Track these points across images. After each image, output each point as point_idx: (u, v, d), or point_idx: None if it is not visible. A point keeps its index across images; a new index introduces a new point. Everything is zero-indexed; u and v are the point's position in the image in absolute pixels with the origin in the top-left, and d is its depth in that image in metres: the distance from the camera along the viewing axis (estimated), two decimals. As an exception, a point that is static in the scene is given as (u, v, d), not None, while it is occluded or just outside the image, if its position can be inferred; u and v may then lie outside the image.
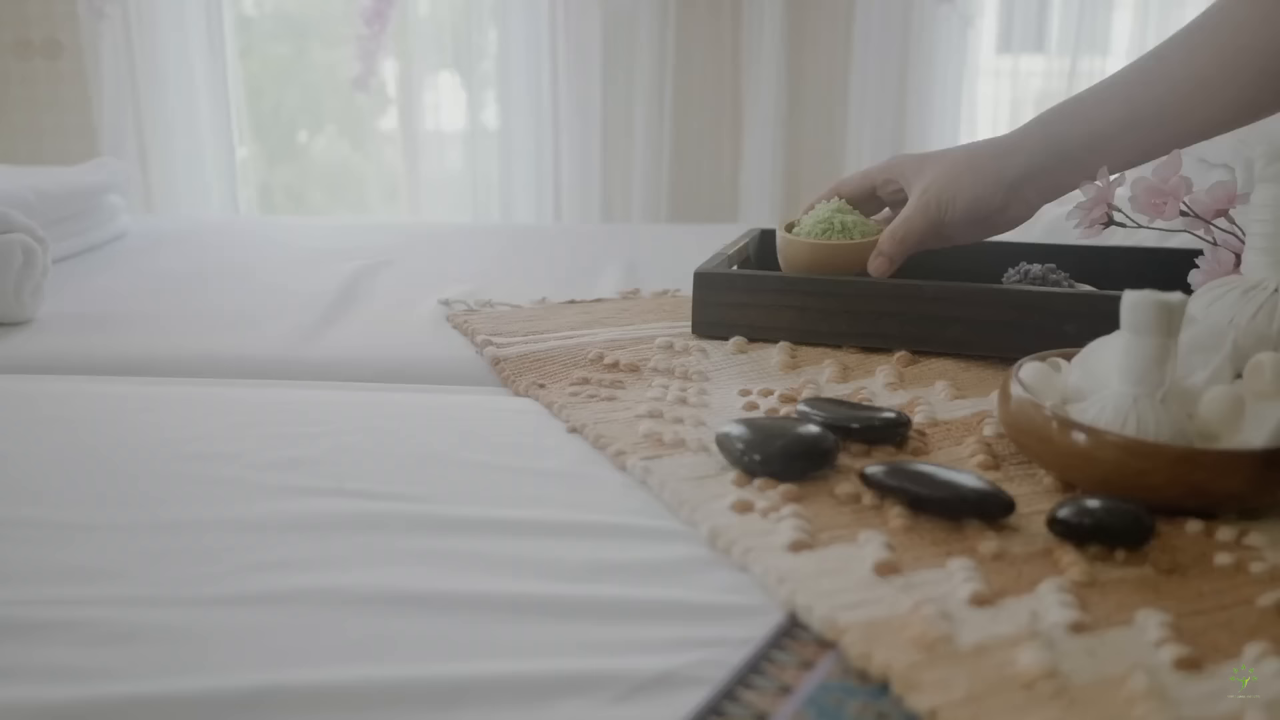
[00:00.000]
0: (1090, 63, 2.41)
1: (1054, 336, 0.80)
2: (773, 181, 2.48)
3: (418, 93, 2.49)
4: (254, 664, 0.44)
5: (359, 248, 1.34)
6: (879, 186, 0.93)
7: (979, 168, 0.86)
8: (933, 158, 0.90)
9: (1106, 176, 0.86)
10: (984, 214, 0.87)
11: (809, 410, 0.68)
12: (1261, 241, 0.70)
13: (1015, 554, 0.54)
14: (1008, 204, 0.87)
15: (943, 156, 0.89)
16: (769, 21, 2.41)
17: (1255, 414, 0.59)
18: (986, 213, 0.87)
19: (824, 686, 0.43)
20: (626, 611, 0.48)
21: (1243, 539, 0.56)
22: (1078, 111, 0.86)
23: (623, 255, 1.31)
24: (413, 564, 0.52)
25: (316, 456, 0.65)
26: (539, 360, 0.84)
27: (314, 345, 0.92)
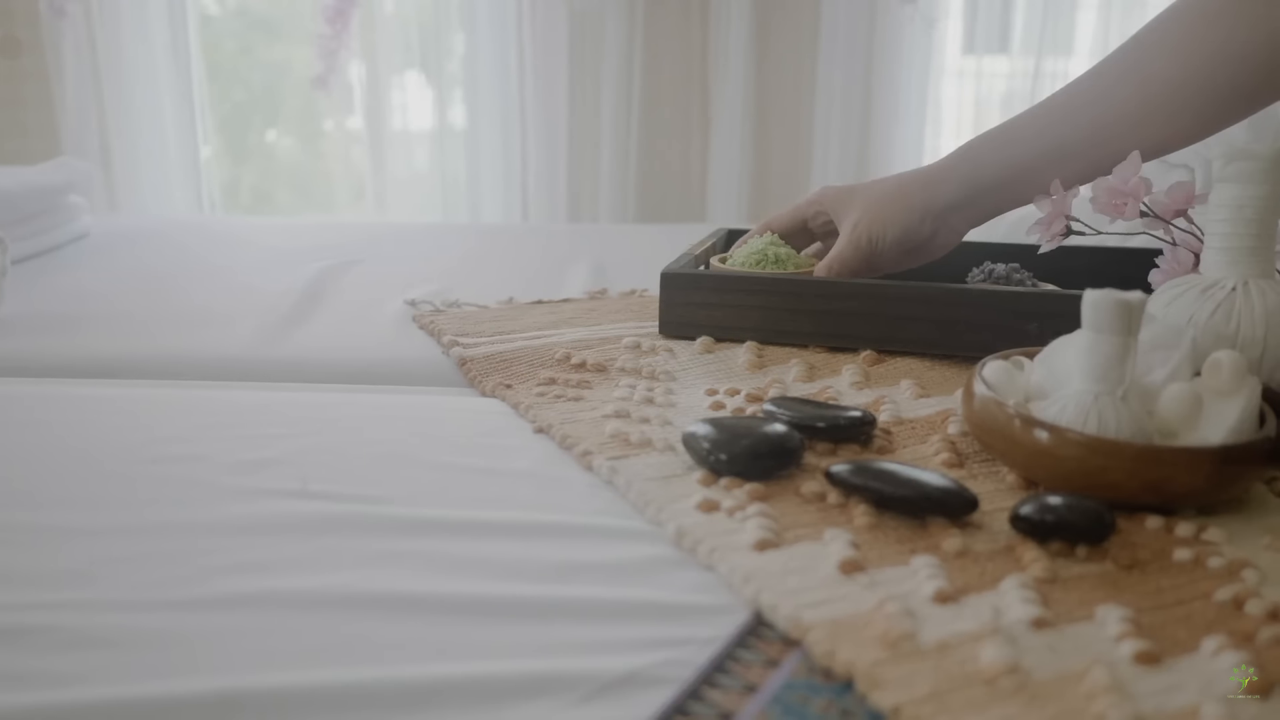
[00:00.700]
0: (1054, 63, 2.43)
1: (1017, 335, 0.81)
2: (740, 181, 2.49)
3: (384, 92, 2.48)
4: (220, 668, 0.44)
5: (324, 247, 1.33)
6: (809, 219, 0.95)
7: (907, 199, 0.88)
8: (861, 191, 0.91)
9: (1060, 189, 0.87)
10: (914, 244, 0.89)
11: (775, 409, 0.69)
12: (1219, 241, 0.71)
13: (978, 551, 0.54)
14: (936, 232, 0.89)
15: (871, 189, 0.91)
16: (736, 21, 2.42)
17: (1213, 411, 0.60)
18: (916, 242, 0.89)
19: (789, 685, 0.43)
20: (592, 612, 0.48)
21: (1201, 534, 0.56)
22: (1001, 141, 0.87)
23: (590, 255, 1.31)
24: (378, 566, 0.52)
25: (281, 458, 0.64)
26: (506, 360, 0.84)
27: (279, 346, 0.91)
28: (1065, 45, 2.46)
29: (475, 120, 2.47)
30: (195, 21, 2.46)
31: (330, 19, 2.39)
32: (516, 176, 2.48)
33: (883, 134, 2.48)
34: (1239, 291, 0.69)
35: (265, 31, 2.82)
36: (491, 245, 1.43)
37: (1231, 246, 0.70)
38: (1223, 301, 0.69)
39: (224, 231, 1.54)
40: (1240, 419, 0.59)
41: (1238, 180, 0.69)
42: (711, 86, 2.49)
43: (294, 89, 2.77)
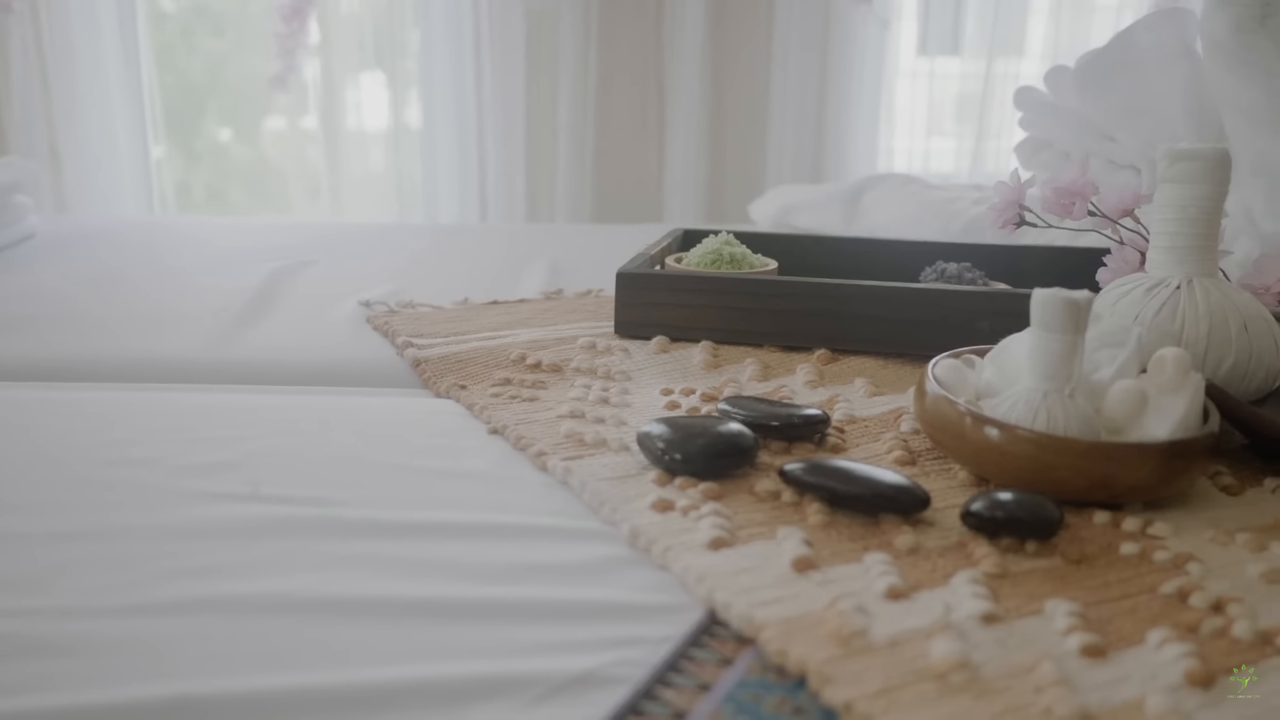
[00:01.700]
0: (1005, 65, 2.46)
1: (969, 334, 0.82)
2: (696, 181, 2.49)
3: (339, 91, 2.46)
4: (170, 674, 0.43)
5: (278, 248, 1.32)
6: None
7: None
8: None
9: (1017, 177, 0.88)
10: None
11: (729, 409, 0.69)
12: (1164, 240, 0.72)
13: (930, 548, 0.55)
14: None
15: None
16: (691, 22, 2.42)
17: (1158, 407, 0.61)
18: None
19: (742, 683, 0.44)
20: (546, 613, 0.48)
21: (1147, 529, 0.57)
22: None
23: (546, 255, 1.31)
24: (331, 569, 0.52)
25: (232, 461, 0.64)
26: (461, 361, 0.84)
27: (230, 347, 0.90)
28: (1016, 47, 2.49)
29: (431, 120, 2.45)
30: (146, 19, 2.42)
31: (287, 17, 2.37)
32: (473, 176, 2.46)
33: (837, 134, 2.49)
34: (1183, 290, 0.70)
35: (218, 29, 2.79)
36: (447, 245, 1.42)
37: (1176, 245, 0.71)
38: (1168, 300, 0.70)
39: (176, 231, 1.52)
40: (1184, 415, 0.60)
41: (1181, 180, 0.70)
42: (667, 87, 2.49)
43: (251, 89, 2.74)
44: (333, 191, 2.52)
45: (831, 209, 1.47)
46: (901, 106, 2.57)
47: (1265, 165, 1.03)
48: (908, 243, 1.07)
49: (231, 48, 2.80)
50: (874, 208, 1.44)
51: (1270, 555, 0.55)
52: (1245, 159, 1.05)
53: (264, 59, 2.45)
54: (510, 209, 2.47)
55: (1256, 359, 0.69)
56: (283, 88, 2.39)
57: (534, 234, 1.58)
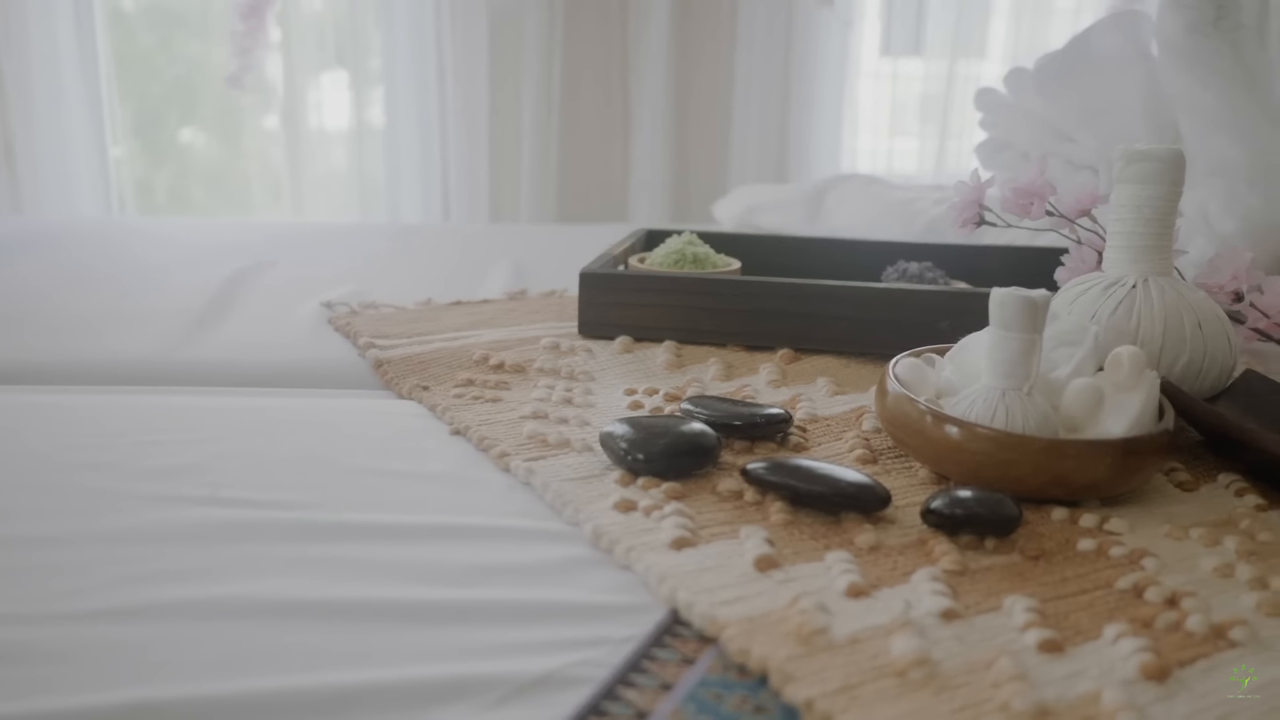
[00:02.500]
0: (967, 66, 2.48)
1: (930, 333, 0.82)
2: (661, 181, 2.50)
3: (301, 90, 2.44)
4: (127, 680, 0.43)
5: (239, 248, 1.31)
6: None
7: None
8: None
9: (977, 176, 0.89)
10: None
11: (692, 408, 0.69)
12: (1120, 240, 0.73)
13: (891, 545, 0.55)
14: None
15: None
16: (655, 22, 2.42)
17: (1115, 405, 0.62)
18: None
19: (704, 682, 0.44)
20: (508, 614, 0.48)
21: (1104, 525, 0.58)
22: None
23: (510, 255, 1.30)
24: (291, 572, 0.51)
25: (191, 464, 0.63)
26: (423, 362, 0.83)
27: (189, 349, 0.89)
28: (978, 49, 2.52)
29: (394, 119, 2.44)
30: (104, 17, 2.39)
31: (244, 15, 2.34)
32: (436, 176, 2.45)
33: (801, 135, 2.50)
34: (1139, 289, 0.71)
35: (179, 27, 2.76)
36: (410, 246, 1.41)
37: (1132, 245, 0.72)
38: (1124, 299, 0.71)
39: (134, 233, 1.50)
40: (1140, 412, 0.61)
41: (1137, 181, 0.71)
42: (631, 87, 2.49)
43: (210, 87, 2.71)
44: (295, 191, 2.50)
45: (795, 209, 1.48)
46: (864, 107, 2.59)
47: (1219, 166, 1.05)
48: (870, 242, 1.08)
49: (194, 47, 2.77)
50: (837, 208, 1.45)
51: (1223, 550, 0.56)
52: (1200, 159, 1.06)
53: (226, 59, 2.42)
54: (474, 209, 2.46)
55: (1210, 357, 0.70)
56: (239, 86, 2.36)
57: (498, 234, 1.57)
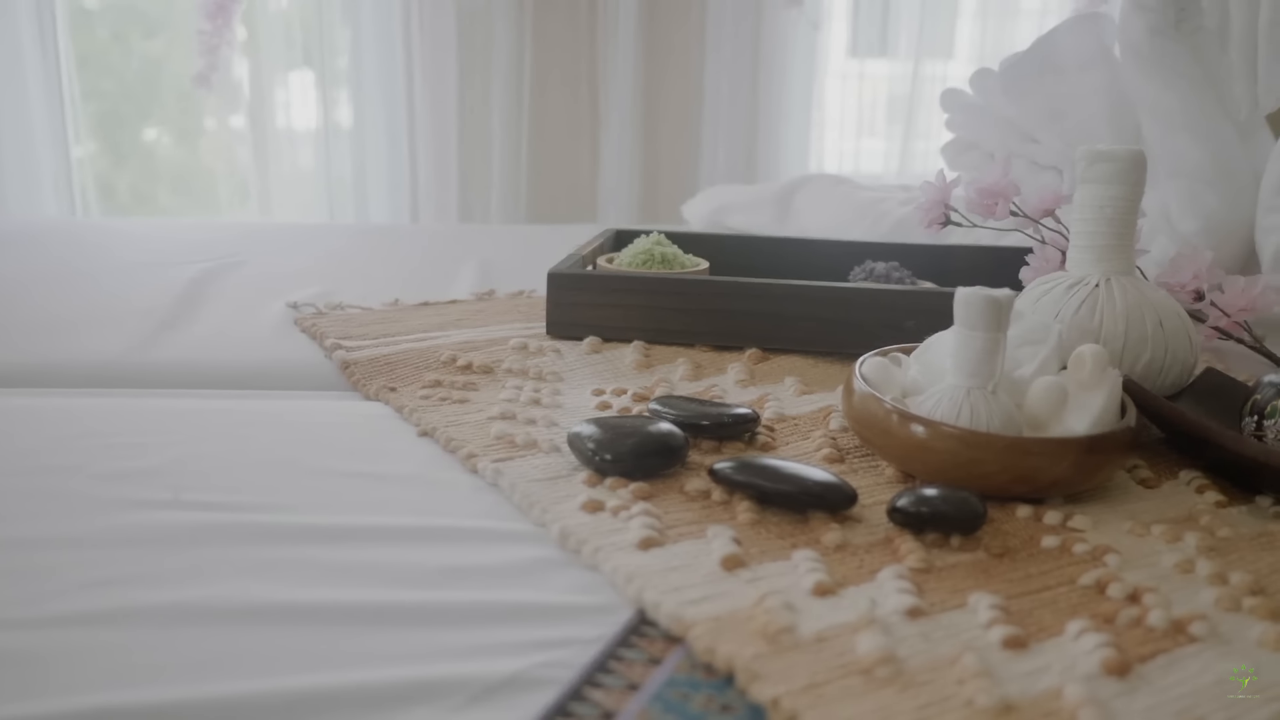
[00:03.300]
0: (933, 66, 2.50)
1: (897, 332, 0.83)
2: (630, 181, 2.50)
3: (268, 90, 2.42)
4: (90, 685, 0.42)
5: (205, 249, 1.29)
6: None
7: None
8: None
9: (943, 177, 0.90)
10: None
11: (660, 408, 0.69)
12: (1083, 239, 0.73)
13: (857, 544, 0.55)
14: None
15: None
16: (624, 22, 2.42)
17: (1078, 403, 0.62)
18: None
19: (670, 681, 0.44)
20: (475, 616, 0.48)
21: (1068, 522, 0.59)
22: None
23: (479, 256, 1.30)
24: (255, 576, 0.51)
25: (154, 467, 0.62)
26: (390, 363, 0.83)
27: (153, 351, 0.88)
28: (945, 49, 2.53)
29: (361, 119, 2.43)
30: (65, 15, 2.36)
31: (210, 14, 2.32)
32: (404, 176, 2.44)
33: (769, 135, 2.51)
34: (1102, 288, 0.72)
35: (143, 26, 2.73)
36: (378, 246, 1.40)
37: (1095, 245, 0.73)
38: (1087, 298, 0.71)
39: (98, 234, 1.49)
40: (1103, 410, 0.61)
41: (1099, 181, 0.72)
42: (601, 88, 2.49)
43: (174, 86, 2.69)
44: (262, 192, 2.48)
45: (763, 209, 1.49)
46: (832, 108, 2.60)
47: (1180, 166, 1.06)
48: (837, 243, 1.09)
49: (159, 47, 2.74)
50: (805, 208, 1.45)
51: (1184, 546, 0.56)
52: (1162, 160, 1.08)
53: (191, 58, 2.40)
54: (442, 209, 2.45)
55: (1172, 355, 0.71)
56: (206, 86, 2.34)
57: (466, 235, 1.57)
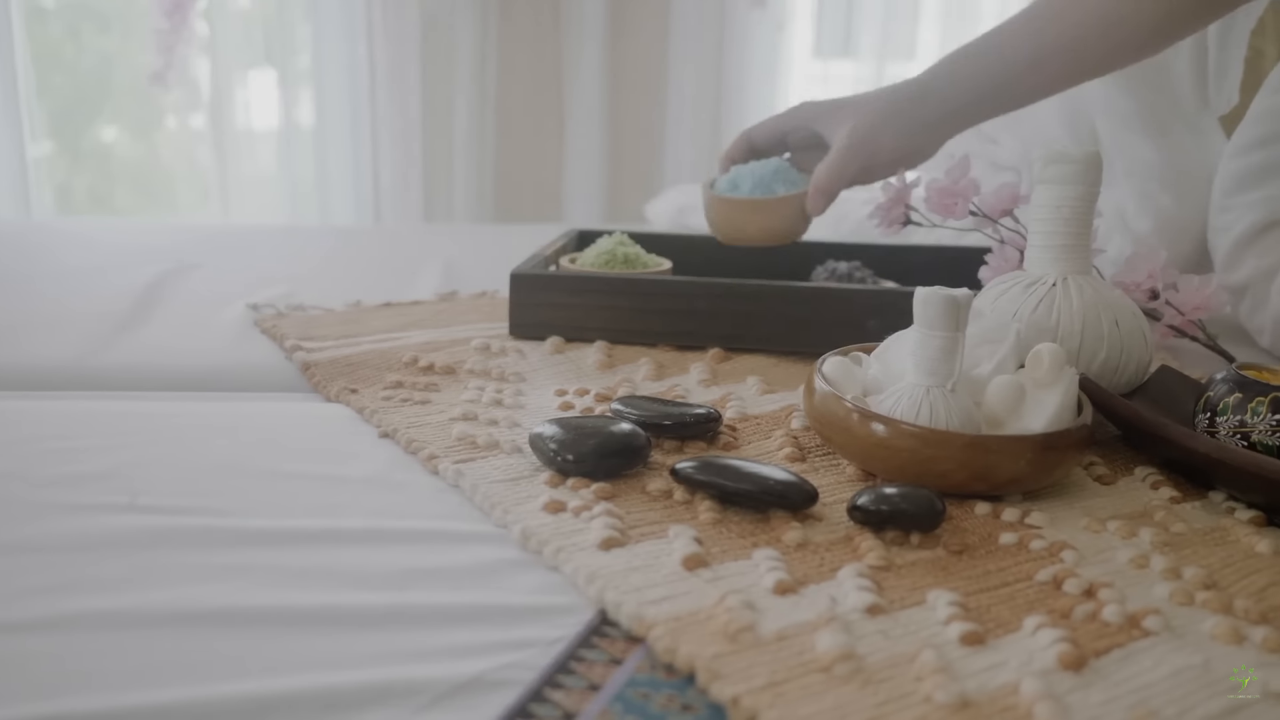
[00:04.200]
0: (896, 67, 2.51)
1: (859, 331, 0.83)
2: (595, 181, 2.50)
3: (228, 89, 2.39)
4: (41, 692, 0.41)
5: (164, 250, 1.28)
6: (789, 133, 0.95)
7: (901, 112, 0.89)
8: (849, 104, 0.92)
9: (904, 178, 0.90)
10: (906, 153, 0.91)
11: (622, 408, 0.69)
12: (1041, 239, 0.74)
13: (818, 542, 0.55)
14: (926, 144, 0.91)
15: (862, 103, 0.91)
16: (588, 22, 2.42)
17: (1035, 401, 0.63)
18: (907, 152, 0.91)
19: (631, 681, 0.44)
20: (436, 618, 0.48)
21: (1025, 519, 0.59)
22: (987, 52, 0.89)
23: (442, 256, 1.29)
24: (212, 580, 0.50)
25: (108, 471, 0.62)
26: (352, 364, 0.82)
27: (109, 353, 0.87)
28: (907, 50, 2.55)
29: (324, 118, 2.41)
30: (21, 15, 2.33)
31: (168, 12, 2.30)
32: (368, 177, 2.42)
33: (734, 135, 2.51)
34: (1059, 287, 0.72)
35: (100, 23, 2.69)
36: (341, 247, 1.39)
37: (1052, 245, 0.73)
38: (1044, 297, 0.72)
39: (53, 234, 1.47)
40: (1060, 408, 0.62)
41: (1055, 182, 0.73)
42: (565, 87, 2.49)
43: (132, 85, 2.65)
44: (222, 192, 2.46)
45: (727, 209, 1.49)
46: (796, 107, 2.61)
47: (1135, 167, 1.07)
48: (799, 242, 1.09)
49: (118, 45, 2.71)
50: (768, 208, 1.46)
51: (1139, 541, 0.57)
52: (1117, 161, 1.09)
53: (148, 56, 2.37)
54: (406, 210, 2.44)
55: (1127, 353, 0.72)
56: (162, 85, 2.31)
57: (429, 235, 1.56)
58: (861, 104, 0.91)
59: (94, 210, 2.75)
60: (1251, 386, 0.64)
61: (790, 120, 0.95)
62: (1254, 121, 0.96)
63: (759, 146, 0.96)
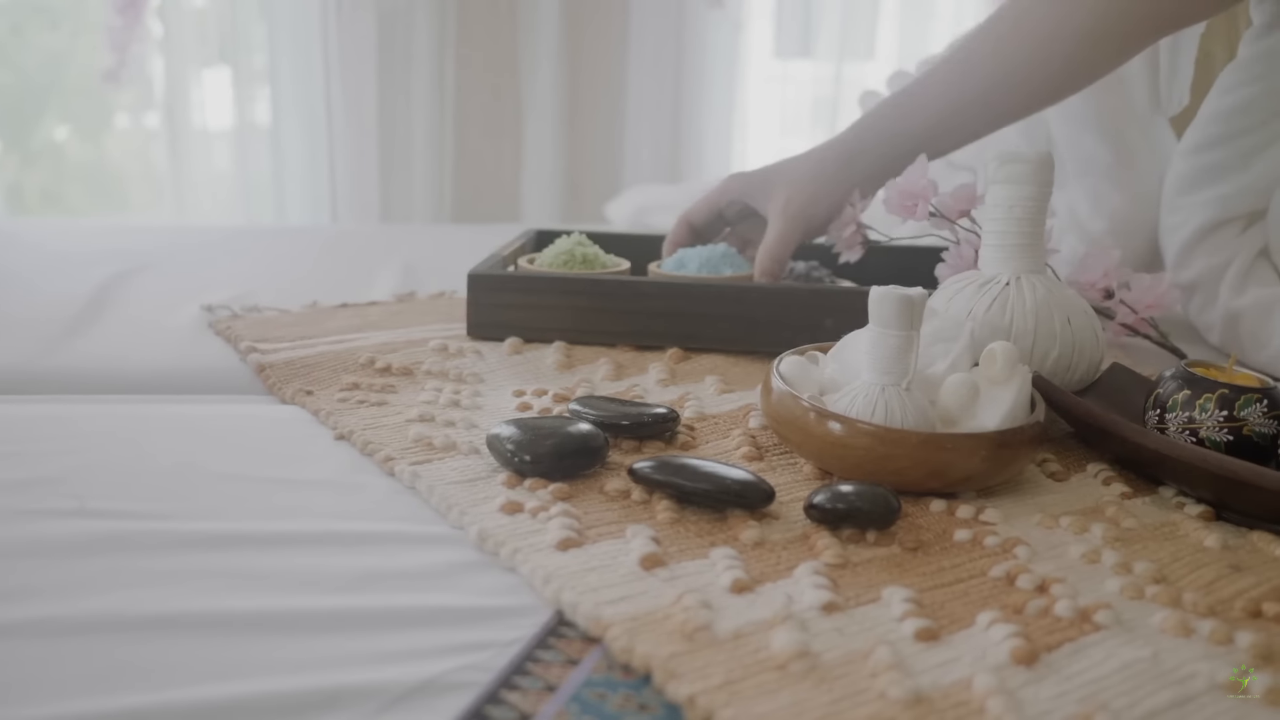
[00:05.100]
0: (855, 68, 2.53)
1: (817, 331, 0.84)
2: (554, 181, 2.49)
3: (182, 88, 2.36)
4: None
5: (116, 251, 1.26)
6: (724, 208, 0.98)
7: (830, 178, 0.92)
8: (778, 175, 0.94)
9: (856, 198, 0.91)
10: (838, 213, 0.93)
11: (580, 409, 0.69)
12: (994, 239, 0.75)
13: (775, 541, 0.56)
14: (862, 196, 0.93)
15: (789, 171, 0.94)
16: (546, 22, 2.42)
17: (989, 398, 0.63)
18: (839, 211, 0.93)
19: (588, 682, 0.44)
20: (391, 621, 0.48)
21: (980, 515, 0.60)
22: (906, 107, 0.92)
23: (400, 257, 1.28)
24: (162, 585, 0.50)
25: (56, 475, 0.61)
26: (307, 366, 0.81)
27: (58, 356, 0.86)
28: (866, 50, 2.57)
29: (279, 117, 2.38)
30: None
31: (121, 9, 2.26)
32: (324, 176, 2.40)
33: (693, 135, 2.52)
34: (1012, 286, 0.73)
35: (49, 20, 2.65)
36: (297, 248, 1.38)
37: (1005, 244, 0.74)
38: (998, 296, 0.73)
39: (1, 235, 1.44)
40: (1013, 405, 0.63)
41: (1009, 182, 0.73)
42: (523, 86, 2.48)
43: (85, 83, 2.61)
44: (176, 192, 2.43)
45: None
46: (756, 108, 2.62)
47: (1088, 167, 1.09)
48: (758, 242, 1.09)
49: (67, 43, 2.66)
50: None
51: (1091, 537, 0.58)
52: (1070, 162, 1.10)
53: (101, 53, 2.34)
54: (363, 210, 2.42)
55: (1079, 351, 0.73)
56: (115, 83, 2.28)
57: (387, 235, 1.55)
58: (791, 174, 0.93)
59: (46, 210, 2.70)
60: (1200, 384, 0.65)
61: (723, 196, 0.98)
62: (1204, 123, 0.97)
63: (699, 226, 0.99)
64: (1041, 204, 0.74)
